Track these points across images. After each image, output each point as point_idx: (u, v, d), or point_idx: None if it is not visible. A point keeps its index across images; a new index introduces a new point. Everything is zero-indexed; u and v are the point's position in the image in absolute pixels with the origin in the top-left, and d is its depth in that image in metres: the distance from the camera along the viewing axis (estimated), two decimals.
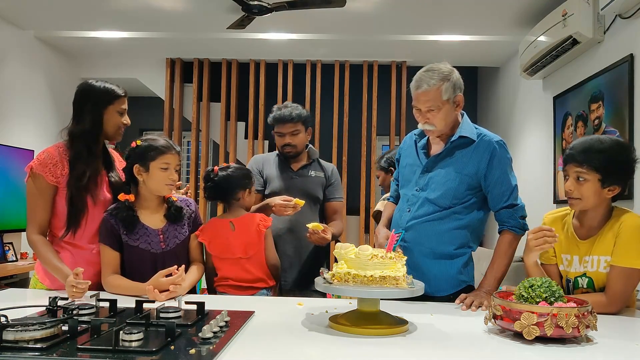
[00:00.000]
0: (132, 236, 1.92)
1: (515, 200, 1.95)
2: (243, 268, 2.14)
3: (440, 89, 1.87)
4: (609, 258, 1.70)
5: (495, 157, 1.92)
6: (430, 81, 1.87)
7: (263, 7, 3.84)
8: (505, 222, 1.95)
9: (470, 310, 1.75)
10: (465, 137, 1.94)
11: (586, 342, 1.36)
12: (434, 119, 1.90)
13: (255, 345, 1.29)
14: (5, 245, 4.39)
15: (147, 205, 1.98)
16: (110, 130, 2.04)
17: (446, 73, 1.89)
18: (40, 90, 5.16)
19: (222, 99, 5.81)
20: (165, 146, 1.94)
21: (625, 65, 3.21)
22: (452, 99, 1.90)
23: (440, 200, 1.95)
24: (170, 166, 1.94)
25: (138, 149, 1.95)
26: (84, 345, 1.17)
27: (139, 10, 4.38)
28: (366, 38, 4.99)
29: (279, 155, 2.56)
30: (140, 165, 1.93)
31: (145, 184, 1.94)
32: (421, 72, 1.92)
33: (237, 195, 2.22)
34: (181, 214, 2.03)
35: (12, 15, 4.56)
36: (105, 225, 1.93)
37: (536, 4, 4.07)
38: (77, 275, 1.73)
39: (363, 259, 1.48)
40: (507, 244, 1.94)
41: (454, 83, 1.90)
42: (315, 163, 2.59)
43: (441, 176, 1.96)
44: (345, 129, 5.68)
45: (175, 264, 1.89)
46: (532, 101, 4.83)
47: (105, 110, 2.01)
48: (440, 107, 1.88)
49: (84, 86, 2.03)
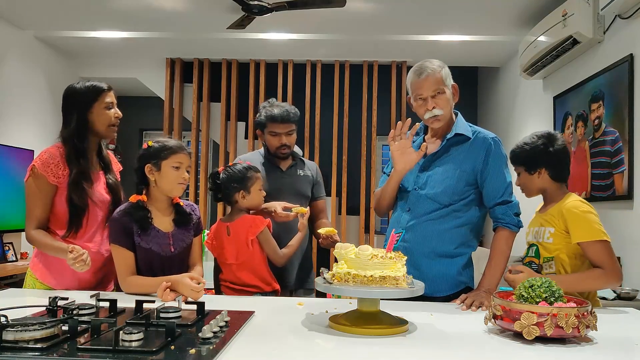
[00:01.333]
0: (145, 237, 1.91)
1: (509, 197, 1.96)
2: (235, 275, 2.14)
3: (442, 73, 1.96)
4: (552, 230, 1.92)
5: (490, 153, 1.96)
6: (432, 66, 1.96)
7: (263, 7, 3.84)
8: (500, 219, 1.96)
9: (470, 310, 1.75)
10: (461, 135, 1.98)
11: (586, 342, 1.36)
12: (441, 102, 1.95)
13: (255, 345, 1.29)
14: (5, 245, 4.39)
15: (157, 207, 1.98)
16: (101, 128, 2.03)
17: (440, 63, 2.00)
18: (40, 90, 5.16)
19: (222, 99, 5.81)
20: (178, 146, 1.96)
21: (625, 65, 3.21)
22: (450, 86, 1.99)
23: (440, 197, 1.96)
24: (182, 165, 1.94)
25: (151, 149, 1.95)
26: (84, 345, 1.17)
27: (139, 10, 4.38)
28: (366, 38, 4.99)
29: (266, 155, 2.50)
30: (152, 164, 1.93)
31: (157, 183, 1.94)
32: (418, 64, 2.00)
33: (232, 198, 2.18)
34: (189, 218, 2.03)
35: (12, 15, 4.56)
36: (117, 225, 1.91)
37: (536, 4, 4.07)
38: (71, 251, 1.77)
39: (363, 259, 1.48)
40: (503, 241, 1.95)
41: (448, 72, 2.00)
42: (300, 162, 2.57)
43: (439, 174, 1.99)
44: (345, 129, 5.68)
45: (180, 267, 1.94)
46: (532, 101, 4.83)
47: (91, 108, 2.00)
48: (445, 90, 1.96)
49: (68, 90, 2.04)
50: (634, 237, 3.13)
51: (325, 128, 5.72)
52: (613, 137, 3.35)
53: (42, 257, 2.02)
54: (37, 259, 2.03)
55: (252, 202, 2.20)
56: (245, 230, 2.12)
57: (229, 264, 2.15)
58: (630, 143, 3.15)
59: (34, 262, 2.04)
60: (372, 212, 5.59)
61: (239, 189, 2.16)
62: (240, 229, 2.14)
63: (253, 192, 2.19)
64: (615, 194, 3.31)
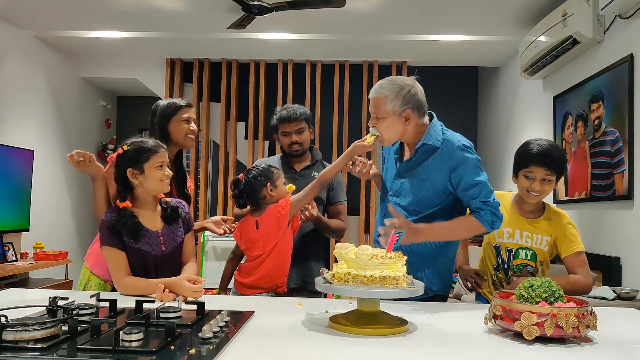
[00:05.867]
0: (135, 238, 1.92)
1: (486, 198, 1.90)
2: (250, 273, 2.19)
3: (385, 99, 1.90)
4: (548, 238, 2.06)
5: (458, 161, 1.90)
6: (379, 89, 1.92)
7: (263, 7, 3.84)
8: (476, 212, 1.91)
9: (470, 310, 1.75)
10: (429, 145, 1.94)
11: (586, 342, 1.36)
12: (378, 125, 1.94)
13: (255, 345, 1.29)
14: (5, 245, 4.38)
15: (144, 207, 1.97)
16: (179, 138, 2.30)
17: (398, 86, 1.91)
18: (40, 90, 5.16)
19: (222, 99, 5.81)
20: (156, 145, 1.96)
21: (625, 65, 3.21)
22: (398, 112, 1.90)
23: (410, 207, 1.98)
24: (164, 164, 1.95)
25: (128, 153, 1.92)
26: (84, 345, 1.17)
27: (139, 10, 4.38)
28: (366, 38, 4.99)
29: (282, 157, 2.60)
30: (134, 168, 1.91)
31: (143, 185, 1.93)
32: (382, 79, 1.97)
33: (260, 194, 2.21)
34: (177, 214, 2.02)
35: (12, 15, 4.56)
36: (107, 227, 1.91)
37: (536, 4, 4.07)
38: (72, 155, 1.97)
39: (363, 259, 1.48)
40: (468, 223, 1.90)
41: (404, 97, 1.90)
42: (319, 164, 2.60)
43: (409, 184, 2.00)
44: (345, 129, 5.68)
45: (172, 266, 1.95)
46: (532, 101, 4.83)
47: (169, 122, 2.28)
48: (384, 116, 1.91)
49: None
50: (634, 237, 3.13)
51: (325, 128, 5.72)
52: (613, 137, 3.35)
53: (94, 247, 2.17)
54: (91, 250, 2.20)
55: (280, 194, 2.23)
56: (274, 215, 2.16)
57: (254, 256, 2.19)
58: (630, 143, 3.15)
59: (88, 253, 2.20)
60: (372, 212, 5.59)
61: (265, 183, 2.20)
62: (268, 218, 2.18)
63: (279, 185, 2.24)
64: (615, 194, 3.31)
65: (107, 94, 6.44)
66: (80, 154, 1.98)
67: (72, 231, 5.73)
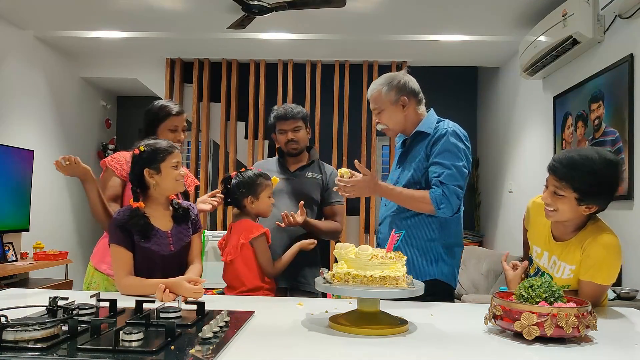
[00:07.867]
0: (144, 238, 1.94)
1: (447, 181, 1.94)
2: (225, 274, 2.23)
3: (381, 92, 2.11)
4: (573, 267, 1.73)
5: (440, 139, 2.01)
6: (374, 86, 2.15)
7: (263, 7, 3.84)
8: (431, 188, 1.97)
9: (470, 310, 1.75)
10: (422, 132, 2.08)
11: (586, 342, 1.36)
12: (382, 119, 2.14)
13: (255, 345, 1.29)
14: (5, 245, 4.38)
15: (156, 208, 2.00)
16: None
17: (390, 78, 2.13)
18: (40, 90, 5.16)
19: (222, 99, 5.81)
20: (171, 146, 2.01)
21: (625, 65, 3.21)
22: (394, 100, 2.10)
23: None
24: (178, 164, 2.00)
25: (144, 154, 1.97)
26: (84, 345, 1.17)
27: (139, 10, 4.38)
28: (366, 38, 4.99)
29: (279, 158, 2.60)
30: (151, 168, 1.95)
31: (159, 185, 1.97)
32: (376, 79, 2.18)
33: (242, 203, 2.24)
34: (188, 214, 2.05)
35: (12, 15, 4.56)
36: (117, 227, 1.92)
37: (536, 4, 4.07)
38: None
39: (363, 259, 1.48)
40: (420, 193, 1.99)
41: (396, 86, 2.10)
42: (315, 165, 2.59)
43: (404, 170, 2.13)
44: (345, 129, 5.68)
45: (180, 266, 1.98)
46: (532, 101, 4.83)
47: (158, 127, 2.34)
48: (384, 108, 2.11)
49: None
50: (634, 237, 3.13)
51: (325, 128, 5.72)
52: (613, 137, 3.35)
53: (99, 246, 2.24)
54: (96, 249, 2.25)
55: (260, 208, 2.25)
56: (241, 232, 2.18)
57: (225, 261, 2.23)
58: (630, 143, 3.15)
59: (94, 252, 2.26)
60: (372, 212, 5.59)
61: (247, 195, 2.22)
62: (238, 230, 2.20)
63: (262, 198, 2.24)
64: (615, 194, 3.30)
65: (107, 94, 6.44)
66: (65, 158, 2.00)
67: (72, 231, 5.73)
